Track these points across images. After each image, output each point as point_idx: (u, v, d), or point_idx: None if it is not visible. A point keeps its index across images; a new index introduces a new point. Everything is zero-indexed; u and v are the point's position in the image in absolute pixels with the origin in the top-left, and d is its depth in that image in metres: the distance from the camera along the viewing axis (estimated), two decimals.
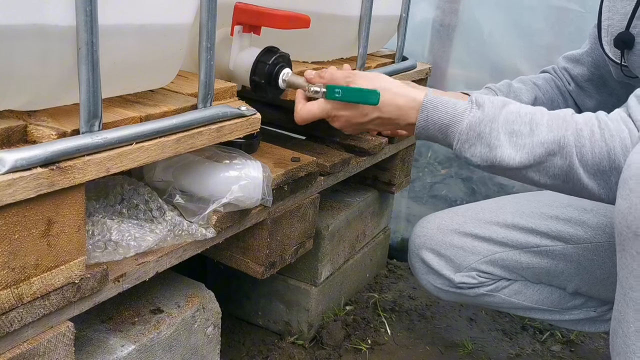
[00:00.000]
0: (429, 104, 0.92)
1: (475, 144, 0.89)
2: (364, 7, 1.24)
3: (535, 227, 1.16)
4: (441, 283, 1.23)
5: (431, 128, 0.93)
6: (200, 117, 0.82)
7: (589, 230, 1.13)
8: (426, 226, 1.26)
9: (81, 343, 0.83)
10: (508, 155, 0.87)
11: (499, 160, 0.88)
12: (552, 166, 0.86)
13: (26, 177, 0.61)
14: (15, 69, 0.63)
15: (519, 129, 0.87)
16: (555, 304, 1.23)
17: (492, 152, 0.88)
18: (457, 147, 0.91)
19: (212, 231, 0.90)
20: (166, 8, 0.78)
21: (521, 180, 0.91)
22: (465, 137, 0.90)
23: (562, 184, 0.87)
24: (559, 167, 0.86)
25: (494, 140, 0.88)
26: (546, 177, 0.87)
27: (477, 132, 0.89)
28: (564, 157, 0.85)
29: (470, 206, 1.29)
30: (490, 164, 0.89)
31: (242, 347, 1.35)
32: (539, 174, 0.87)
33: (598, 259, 1.13)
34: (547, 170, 0.87)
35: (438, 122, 0.92)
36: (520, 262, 1.17)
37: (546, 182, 0.88)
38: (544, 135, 0.86)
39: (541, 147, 0.86)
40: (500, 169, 0.89)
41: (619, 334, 0.80)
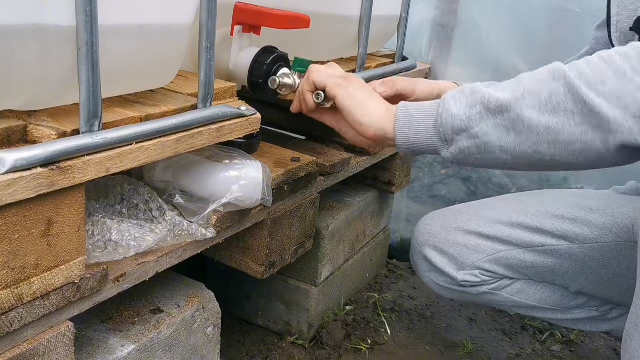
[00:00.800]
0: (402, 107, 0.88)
1: (459, 98, 0.80)
2: (364, 7, 1.24)
3: (540, 226, 1.16)
4: (443, 281, 1.23)
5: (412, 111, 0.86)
6: (200, 117, 0.82)
7: (596, 230, 1.13)
8: (430, 224, 1.25)
9: (81, 343, 0.83)
10: (496, 94, 0.78)
11: (487, 98, 0.78)
12: (548, 94, 0.75)
13: (26, 177, 0.61)
14: (15, 69, 0.63)
15: (505, 84, 0.80)
16: (557, 303, 1.23)
17: (479, 94, 0.79)
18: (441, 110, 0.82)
19: (212, 231, 0.90)
20: (166, 8, 0.78)
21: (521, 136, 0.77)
22: (449, 97, 0.82)
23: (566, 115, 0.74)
24: (555, 92, 0.74)
25: (476, 88, 0.80)
26: (547, 113, 0.75)
27: (460, 90, 0.82)
28: (557, 78, 0.75)
29: (475, 204, 1.28)
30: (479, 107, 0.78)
31: (242, 347, 1.35)
32: (536, 110, 0.75)
33: (604, 259, 1.12)
34: (544, 101, 0.75)
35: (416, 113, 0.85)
36: (524, 261, 1.17)
37: (548, 121, 0.75)
38: (533, 75, 0.78)
39: (531, 82, 0.77)
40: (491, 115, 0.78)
41: (635, 337, 0.79)
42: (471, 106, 0.79)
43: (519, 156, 0.79)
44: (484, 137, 0.79)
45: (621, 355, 0.84)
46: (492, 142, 0.79)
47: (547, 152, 0.77)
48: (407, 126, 0.86)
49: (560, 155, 0.76)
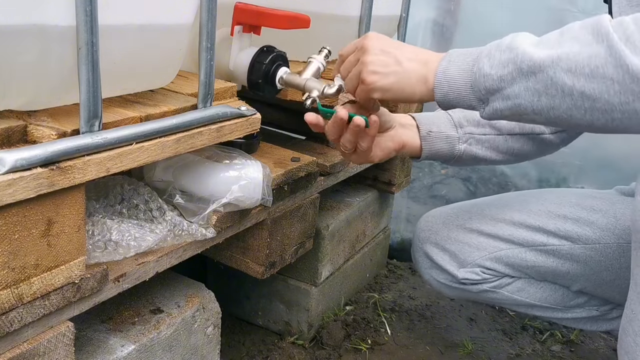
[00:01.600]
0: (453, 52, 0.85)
1: (494, 55, 0.77)
2: (364, 7, 1.24)
3: (542, 226, 1.15)
4: (444, 278, 1.23)
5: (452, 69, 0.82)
6: (200, 117, 0.82)
7: (598, 230, 1.12)
8: (431, 220, 1.25)
9: (81, 343, 0.83)
10: (530, 52, 0.73)
11: (520, 58, 0.73)
12: (587, 56, 0.69)
13: (26, 177, 0.61)
14: (15, 69, 0.63)
15: (547, 38, 0.74)
16: (558, 302, 1.23)
17: (512, 52, 0.75)
18: (475, 69, 0.79)
19: (212, 231, 0.90)
20: (166, 8, 0.78)
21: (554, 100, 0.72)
22: (486, 53, 0.78)
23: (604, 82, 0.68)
24: (595, 54, 0.68)
25: (516, 43, 0.75)
26: (582, 78, 0.69)
27: (496, 44, 0.78)
28: (600, 40, 0.68)
29: (477, 202, 1.28)
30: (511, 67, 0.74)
31: (242, 347, 1.35)
32: (572, 74, 0.69)
33: (605, 260, 1.12)
34: (580, 64, 0.69)
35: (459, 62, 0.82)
36: (525, 260, 1.17)
37: (583, 86, 0.69)
38: (576, 32, 0.71)
39: (572, 40, 0.71)
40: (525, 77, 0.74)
41: (629, 332, 0.80)
42: (504, 65, 0.75)
43: (553, 120, 0.75)
44: (515, 99, 0.76)
45: (617, 351, 0.84)
46: (524, 105, 0.75)
47: (583, 118, 0.72)
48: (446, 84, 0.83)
49: (598, 121, 0.72)
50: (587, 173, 1.70)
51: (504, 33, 0.80)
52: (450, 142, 1.10)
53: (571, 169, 1.73)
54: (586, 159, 1.69)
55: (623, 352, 0.82)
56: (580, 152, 1.33)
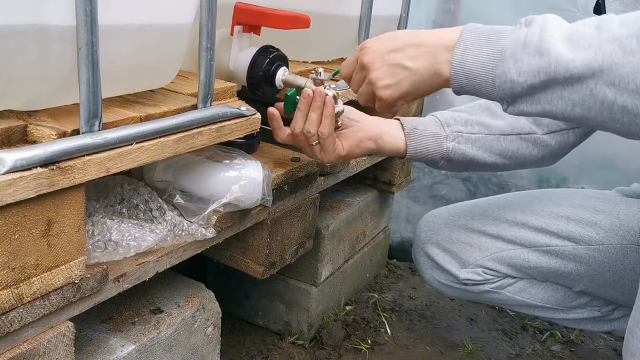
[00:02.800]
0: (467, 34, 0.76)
1: (522, 58, 0.69)
2: (364, 7, 1.24)
3: (545, 226, 1.15)
4: (445, 279, 1.22)
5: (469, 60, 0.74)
6: (200, 117, 0.82)
7: (601, 232, 1.12)
8: (433, 221, 1.25)
9: (81, 343, 0.83)
10: (566, 57, 0.65)
11: (554, 66, 0.66)
12: (632, 70, 0.62)
13: (26, 177, 0.61)
14: (15, 69, 0.63)
15: (581, 31, 0.66)
16: (559, 303, 1.22)
17: (544, 58, 0.66)
18: (499, 72, 0.71)
19: (212, 231, 0.90)
20: (166, 8, 0.78)
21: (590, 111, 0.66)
22: (510, 54, 0.70)
23: None
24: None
25: (545, 44, 0.67)
26: (626, 93, 0.63)
27: (523, 42, 0.70)
28: None
29: (478, 202, 1.27)
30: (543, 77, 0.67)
31: (242, 347, 1.35)
32: (614, 88, 0.63)
33: (609, 261, 1.12)
34: (624, 78, 0.63)
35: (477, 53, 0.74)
36: (528, 261, 1.16)
37: (626, 101, 0.63)
38: (616, 30, 0.64)
39: (613, 42, 0.63)
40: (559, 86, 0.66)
41: (637, 335, 0.79)
42: (534, 74, 0.68)
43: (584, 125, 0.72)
44: (546, 105, 0.70)
45: (623, 353, 0.84)
46: (554, 112, 0.70)
47: (616, 129, 0.68)
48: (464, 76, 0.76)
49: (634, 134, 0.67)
50: (587, 173, 1.70)
51: None
52: (438, 140, 1.06)
53: (571, 169, 1.73)
54: (586, 159, 1.69)
55: (629, 355, 0.81)
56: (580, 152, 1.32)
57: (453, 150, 1.07)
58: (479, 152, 1.08)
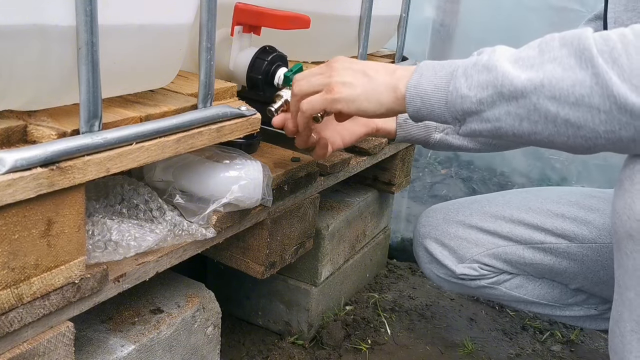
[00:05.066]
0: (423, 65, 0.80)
1: (472, 75, 0.73)
2: (364, 7, 1.24)
3: (540, 224, 1.16)
4: (443, 273, 1.24)
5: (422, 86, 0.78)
6: (201, 117, 0.82)
7: (594, 230, 1.13)
8: (432, 216, 1.27)
9: (81, 343, 0.83)
10: (511, 74, 0.69)
11: (500, 81, 0.70)
12: (571, 84, 0.65)
13: (26, 177, 0.61)
14: (16, 69, 0.63)
15: (526, 54, 0.70)
16: (556, 300, 1.23)
17: (492, 73, 0.71)
18: (451, 88, 0.75)
19: (212, 231, 0.90)
20: (166, 8, 0.78)
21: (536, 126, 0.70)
22: (462, 72, 0.74)
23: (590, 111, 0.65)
24: (580, 82, 0.65)
25: (493, 62, 0.71)
26: (567, 106, 0.66)
27: (473, 63, 0.74)
28: (585, 66, 0.65)
29: (477, 198, 1.29)
30: (491, 90, 0.71)
31: (242, 347, 1.35)
32: (556, 101, 0.67)
33: (602, 259, 1.13)
34: (565, 91, 0.66)
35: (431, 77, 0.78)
36: (523, 258, 1.18)
37: (568, 114, 0.66)
38: (557, 51, 0.68)
39: (553, 62, 0.67)
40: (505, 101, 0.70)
41: (616, 334, 0.80)
42: (483, 87, 0.72)
43: (534, 143, 0.74)
44: (495, 123, 0.73)
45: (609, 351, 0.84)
46: (504, 129, 0.73)
47: (565, 143, 0.71)
48: (418, 98, 0.79)
49: (581, 146, 0.70)
50: (588, 173, 1.70)
51: (504, 33, 0.80)
52: (427, 130, 1.14)
53: (572, 169, 1.73)
54: (587, 158, 1.69)
55: (612, 353, 0.82)
56: None
57: (440, 141, 1.14)
58: (463, 141, 1.15)
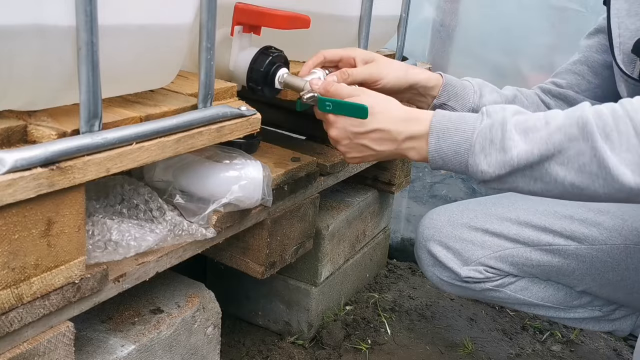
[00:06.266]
0: (437, 124, 0.87)
1: (490, 153, 0.82)
2: (364, 7, 1.24)
3: (548, 226, 1.16)
4: (447, 276, 1.22)
5: (444, 149, 0.87)
6: (201, 117, 0.82)
7: (605, 231, 1.12)
8: (436, 218, 1.25)
9: (81, 343, 0.83)
10: (525, 151, 0.79)
11: (516, 161, 0.80)
12: (575, 153, 0.77)
13: (26, 177, 0.61)
14: (16, 69, 0.63)
15: (533, 125, 0.80)
16: (560, 302, 1.23)
17: (508, 155, 0.81)
18: (472, 164, 0.84)
19: (212, 231, 0.90)
20: (166, 8, 0.78)
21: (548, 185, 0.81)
22: (479, 148, 0.83)
23: (590, 177, 0.77)
24: (582, 153, 0.76)
25: (508, 141, 0.81)
26: (573, 171, 0.77)
27: (490, 139, 0.83)
28: (585, 139, 0.76)
29: (482, 200, 1.28)
30: (508, 168, 0.81)
31: (242, 347, 1.35)
32: (564, 167, 0.78)
33: (612, 261, 1.12)
34: (571, 160, 0.77)
35: (450, 142, 0.86)
36: (530, 260, 1.17)
37: (573, 178, 0.78)
38: (561, 121, 0.78)
39: (558, 132, 0.78)
40: (520, 171, 0.81)
41: None
42: (501, 166, 0.82)
43: (547, 197, 0.84)
44: (512, 185, 0.83)
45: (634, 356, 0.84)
46: (520, 188, 0.83)
47: (573, 199, 0.82)
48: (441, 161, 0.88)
49: (587, 200, 0.82)
50: None
51: (504, 32, 0.80)
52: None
53: None
54: None
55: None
56: None
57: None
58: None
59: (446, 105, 1.12)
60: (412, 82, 1.10)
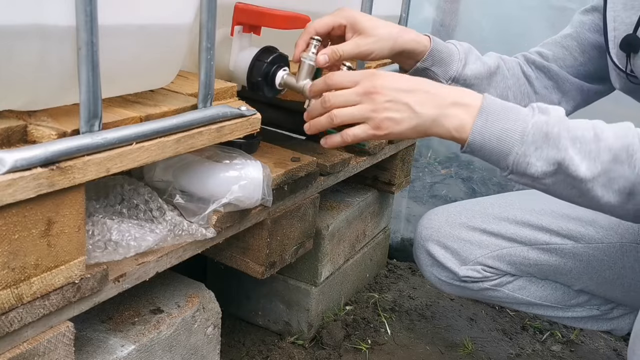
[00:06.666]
0: (489, 105, 0.83)
1: (542, 147, 0.80)
2: (364, 7, 1.24)
3: (545, 225, 1.16)
4: (445, 276, 1.23)
5: (487, 133, 0.82)
6: (201, 117, 0.82)
7: (601, 230, 1.13)
8: (434, 218, 1.26)
9: (81, 343, 0.83)
10: (575, 160, 0.79)
11: (567, 163, 0.79)
12: (618, 176, 0.78)
13: (26, 177, 0.61)
14: (15, 69, 0.63)
15: (582, 135, 0.79)
16: (558, 301, 1.23)
17: (561, 154, 0.79)
18: (520, 152, 0.81)
19: (212, 231, 0.90)
20: (166, 8, 0.78)
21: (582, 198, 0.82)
22: (532, 139, 0.80)
23: (627, 199, 0.79)
24: (625, 178, 0.78)
25: (563, 141, 0.80)
26: (611, 192, 0.79)
27: (545, 132, 0.80)
28: (632, 166, 0.77)
29: (479, 200, 1.28)
30: (556, 167, 0.80)
31: (242, 347, 1.35)
32: (604, 188, 0.79)
33: (608, 259, 1.12)
34: (612, 182, 0.79)
35: (498, 125, 0.82)
36: (528, 259, 1.17)
37: (610, 199, 0.80)
38: (611, 141, 0.79)
39: (608, 152, 0.78)
40: (564, 176, 0.81)
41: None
42: (550, 164, 0.80)
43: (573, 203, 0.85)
44: (550, 187, 0.83)
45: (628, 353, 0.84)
46: (556, 192, 0.84)
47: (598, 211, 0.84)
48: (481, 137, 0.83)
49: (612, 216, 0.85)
50: None
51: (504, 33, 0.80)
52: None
53: None
54: None
55: (635, 357, 0.81)
56: None
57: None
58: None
59: (429, 69, 1.08)
60: (401, 49, 1.05)
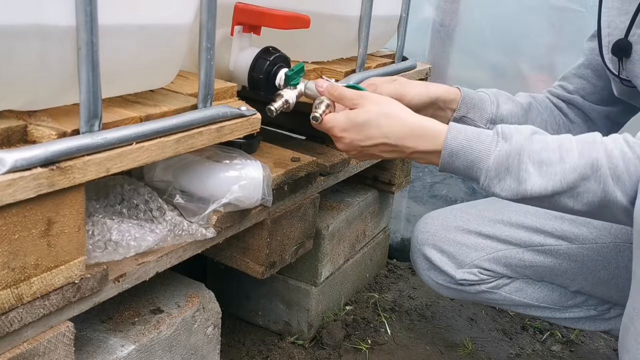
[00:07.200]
0: (452, 141, 0.88)
1: (505, 178, 0.86)
2: (364, 7, 1.24)
3: (540, 226, 1.16)
4: (442, 279, 1.23)
5: (456, 164, 0.89)
6: (201, 117, 0.82)
7: (595, 230, 1.13)
8: (430, 222, 1.26)
9: (81, 343, 0.83)
10: (539, 185, 0.84)
11: (529, 193, 0.84)
12: (585, 191, 0.82)
13: (26, 177, 0.61)
14: (16, 69, 0.63)
15: (547, 157, 0.84)
16: (555, 302, 1.23)
17: (522, 186, 0.85)
18: (484, 183, 0.88)
19: (212, 231, 0.90)
20: (166, 8, 0.78)
21: (553, 208, 0.87)
22: (494, 173, 0.86)
23: (598, 209, 0.84)
24: (593, 192, 0.82)
25: (523, 173, 0.85)
26: (580, 204, 0.84)
27: (505, 166, 0.86)
28: (598, 181, 0.81)
29: (474, 204, 1.29)
30: (520, 197, 0.86)
31: (242, 347, 1.35)
32: (573, 199, 0.84)
33: (602, 259, 1.13)
34: (581, 196, 0.83)
35: (464, 159, 0.88)
36: (523, 260, 1.18)
37: (581, 209, 0.84)
38: (575, 161, 0.82)
39: (573, 172, 0.82)
40: (532, 199, 0.86)
41: (631, 331, 0.80)
42: (514, 194, 0.86)
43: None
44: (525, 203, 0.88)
45: (619, 350, 0.84)
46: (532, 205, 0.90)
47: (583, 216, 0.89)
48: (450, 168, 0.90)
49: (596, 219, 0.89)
50: None
51: (504, 33, 0.80)
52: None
53: None
54: None
55: (625, 351, 0.82)
56: None
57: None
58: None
59: (466, 117, 1.14)
60: (434, 96, 1.11)
